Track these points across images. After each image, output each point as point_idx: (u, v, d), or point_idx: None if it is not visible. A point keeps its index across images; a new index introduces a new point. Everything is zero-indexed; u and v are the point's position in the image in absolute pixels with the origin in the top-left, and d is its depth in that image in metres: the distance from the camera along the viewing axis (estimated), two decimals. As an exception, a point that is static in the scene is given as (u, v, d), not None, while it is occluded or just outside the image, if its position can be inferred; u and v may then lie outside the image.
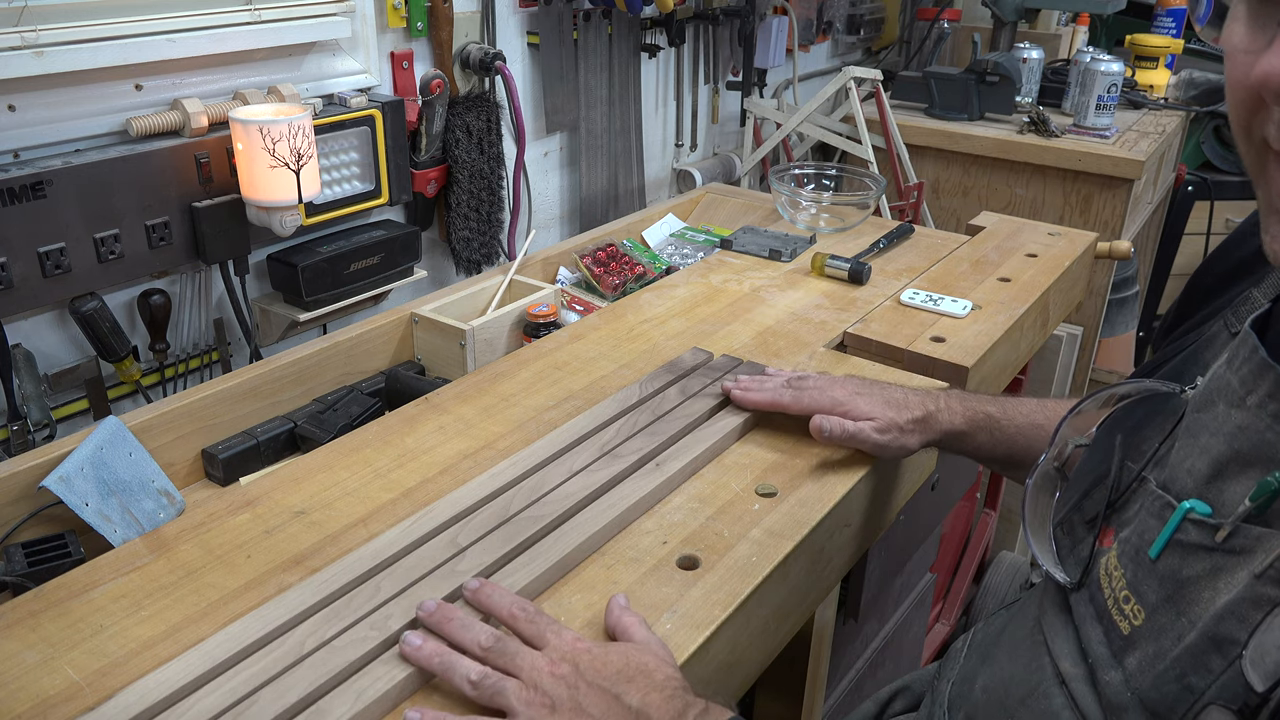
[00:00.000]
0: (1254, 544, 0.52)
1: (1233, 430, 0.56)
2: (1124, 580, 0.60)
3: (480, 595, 0.73)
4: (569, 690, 0.64)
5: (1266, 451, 0.54)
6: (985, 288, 1.39)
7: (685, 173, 2.13)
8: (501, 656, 0.67)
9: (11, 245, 1.04)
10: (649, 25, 1.90)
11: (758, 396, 1.01)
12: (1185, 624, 0.54)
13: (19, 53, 1.02)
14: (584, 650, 0.67)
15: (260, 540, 0.86)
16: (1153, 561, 0.58)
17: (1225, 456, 0.56)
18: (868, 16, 2.70)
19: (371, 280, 1.38)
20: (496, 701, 0.65)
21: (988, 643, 0.79)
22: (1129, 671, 0.57)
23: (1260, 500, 0.52)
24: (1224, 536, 0.54)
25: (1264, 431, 0.54)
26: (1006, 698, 0.68)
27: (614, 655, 0.66)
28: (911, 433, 0.95)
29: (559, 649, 0.67)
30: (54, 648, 0.73)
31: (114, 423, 1.02)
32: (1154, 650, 0.56)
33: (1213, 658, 0.52)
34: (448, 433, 1.03)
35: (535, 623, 0.70)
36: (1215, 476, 0.57)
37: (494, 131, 1.57)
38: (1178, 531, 0.57)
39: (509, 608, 0.71)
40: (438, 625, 0.71)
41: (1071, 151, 2.15)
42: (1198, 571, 0.55)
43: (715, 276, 1.44)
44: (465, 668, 0.67)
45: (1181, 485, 0.59)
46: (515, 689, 0.64)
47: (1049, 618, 0.67)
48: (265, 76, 1.29)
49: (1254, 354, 0.56)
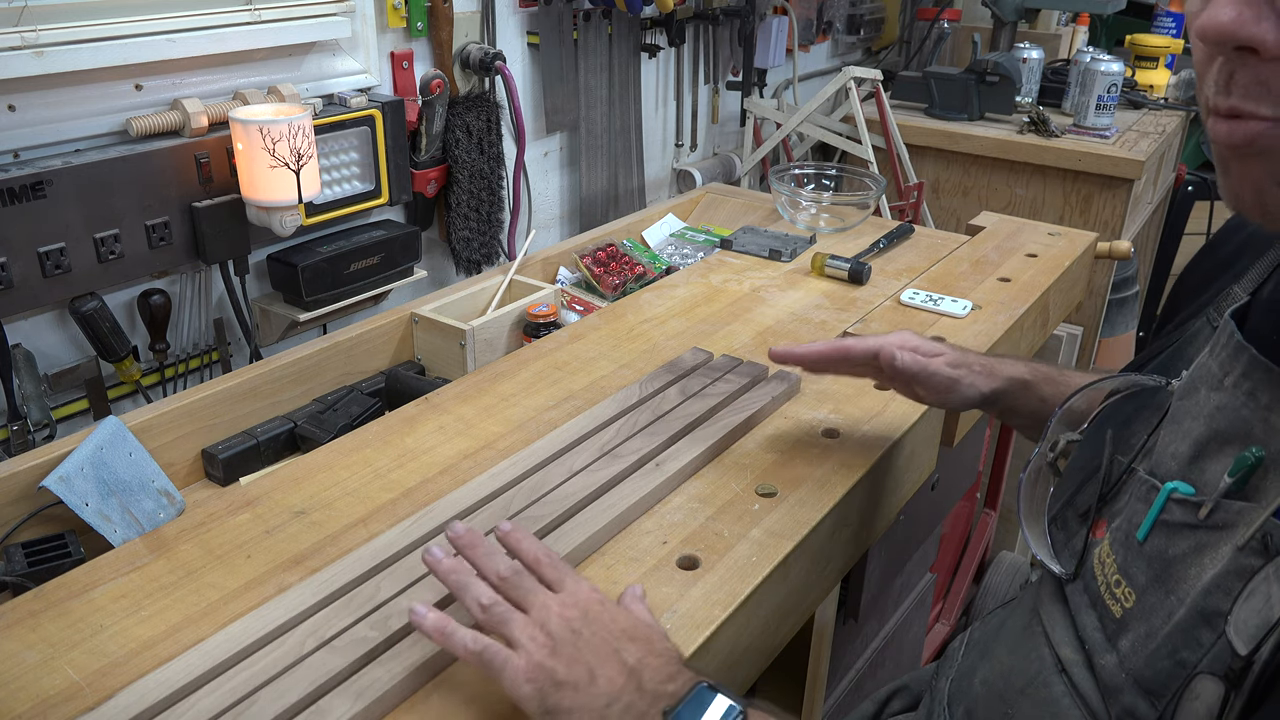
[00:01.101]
0: (1235, 518, 0.54)
1: (1211, 411, 0.58)
2: (1115, 565, 0.61)
3: (511, 537, 0.73)
4: (572, 635, 0.64)
5: (1243, 428, 0.55)
6: (985, 288, 1.39)
7: (685, 173, 2.13)
8: (517, 590, 0.68)
9: (11, 245, 1.04)
10: (649, 25, 1.90)
11: (817, 348, 0.97)
12: (1174, 601, 0.56)
13: (19, 53, 1.02)
14: (596, 601, 0.67)
15: (260, 540, 0.86)
16: (1140, 544, 0.59)
17: (1205, 437, 0.58)
18: (868, 16, 2.70)
19: (371, 280, 1.38)
20: (502, 629, 0.66)
21: (986, 639, 0.79)
22: (1123, 653, 0.59)
23: (1239, 475, 0.54)
24: (1206, 513, 0.55)
25: (1239, 409, 0.56)
26: (1006, 689, 0.68)
27: (623, 617, 0.67)
28: (981, 374, 0.92)
29: (574, 594, 0.67)
30: (54, 648, 0.73)
31: (114, 423, 1.02)
32: (1145, 630, 0.57)
33: (1202, 631, 0.54)
34: (448, 433, 1.03)
35: (558, 568, 0.70)
36: (1197, 457, 0.58)
37: (494, 131, 1.57)
38: (1163, 512, 0.58)
39: (535, 552, 0.71)
40: (464, 547, 0.71)
41: (1071, 151, 2.15)
42: (1183, 549, 0.56)
43: (715, 276, 1.44)
44: (479, 590, 0.68)
45: (1166, 469, 0.60)
46: (522, 622, 0.65)
47: (1047, 608, 0.69)
48: (265, 76, 1.29)
49: (1230, 338, 0.58)
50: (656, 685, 0.61)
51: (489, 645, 0.65)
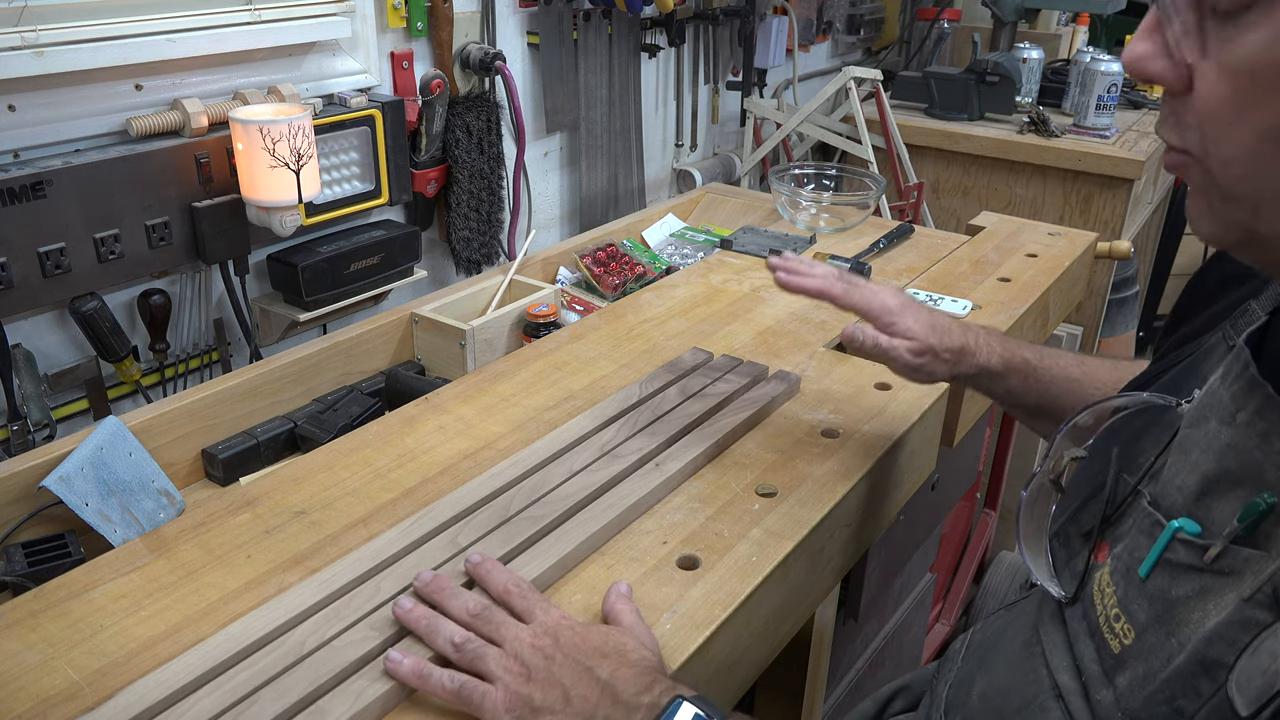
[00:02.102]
0: (1242, 565, 0.52)
1: (1222, 448, 0.56)
2: (1115, 598, 0.59)
3: (480, 569, 0.76)
4: (545, 661, 0.67)
5: (1254, 471, 0.53)
6: (985, 288, 1.39)
7: (685, 173, 2.13)
8: (488, 625, 0.70)
9: (11, 245, 1.04)
10: (649, 25, 1.90)
11: (807, 283, 0.95)
12: (1175, 645, 0.54)
13: (19, 53, 1.02)
14: (566, 626, 0.69)
15: (260, 540, 0.86)
16: (1142, 581, 0.57)
17: (1214, 474, 0.56)
18: (868, 16, 2.70)
19: (371, 280, 1.38)
20: (477, 666, 0.68)
21: (985, 646, 0.78)
22: (1119, 691, 0.57)
23: (1248, 521, 0.51)
24: (1213, 557, 0.53)
25: (1252, 450, 0.53)
26: (1004, 706, 0.67)
27: (594, 634, 0.69)
28: (946, 361, 0.93)
29: (544, 623, 0.70)
30: (54, 648, 0.73)
31: (114, 423, 1.02)
32: (1144, 671, 0.55)
33: (1201, 681, 0.52)
34: (448, 433, 1.03)
35: (527, 599, 0.72)
36: (1204, 494, 0.56)
37: (494, 131, 1.57)
38: (1166, 550, 0.56)
39: (504, 583, 0.74)
40: (430, 594, 0.74)
41: (1071, 151, 2.15)
42: (1186, 592, 0.54)
43: (715, 276, 1.44)
44: (450, 631, 0.70)
45: (1171, 502, 0.58)
46: (496, 656, 0.68)
47: (1047, 628, 0.67)
48: (265, 76, 1.29)
49: (1245, 370, 0.56)
50: (631, 696, 0.63)
51: (466, 681, 0.67)
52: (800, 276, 0.95)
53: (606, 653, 0.67)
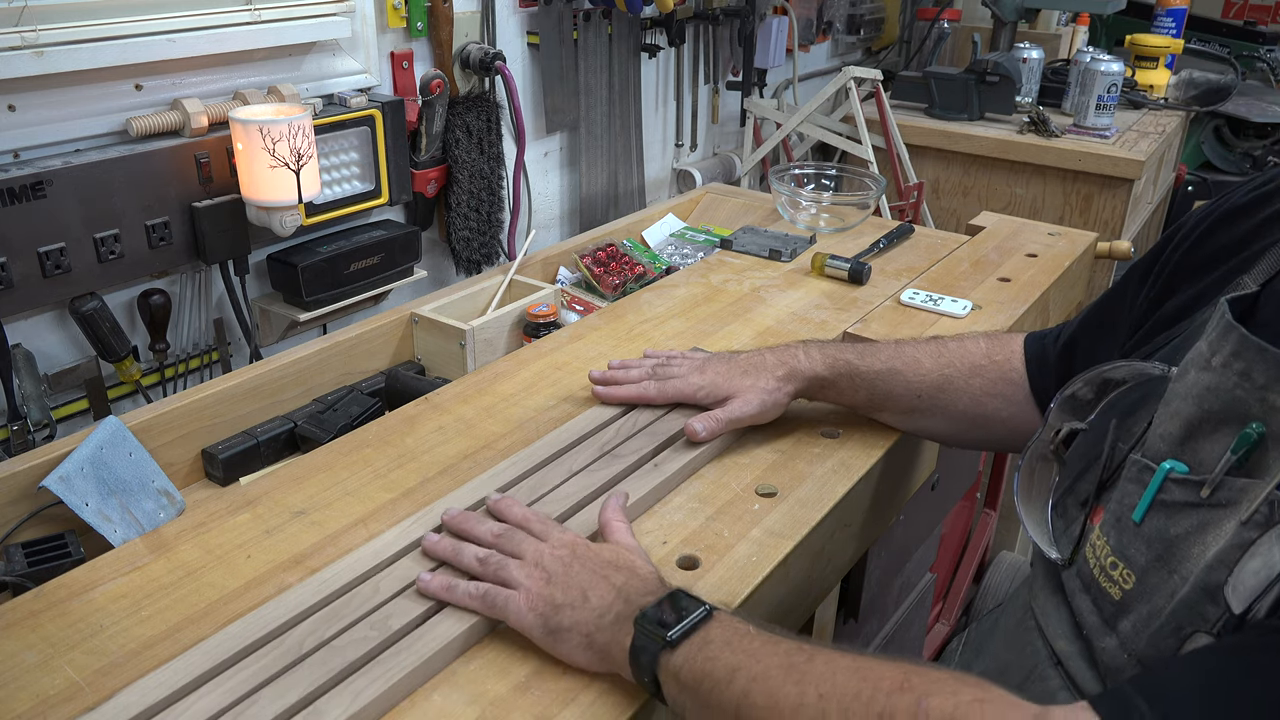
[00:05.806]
0: (1239, 494, 0.55)
1: (1201, 392, 0.58)
2: (1108, 548, 0.62)
3: (499, 504, 0.83)
4: (564, 567, 0.73)
5: (1238, 409, 0.56)
6: (985, 288, 1.39)
7: (685, 173, 2.13)
8: (510, 543, 0.77)
9: (11, 245, 1.04)
10: (649, 25, 1.90)
11: (620, 392, 1.03)
12: (1178, 580, 0.56)
13: (19, 53, 1.02)
14: (582, 543, 0.76)
15: (260, 540, 0.86)
16: (1137, 525, 0.60)
17: (1196, 418, 0.59)
18: (868, 16, 2.70)
19: (371, 280, 1.38)
20: (501, 575, 0.74)
21: (981, 639, 0.79)
22: (1123, 635, 0.59)
23: (1242, 451, 0.55)
24: (1210, 491, 0.56)
25: (1233, 390, 0.57)
26: (1003, 684, 0.68)
27: (607, 551, 0.75)
28: (778, 389, 0.98)
29: (561, 539, 0.76)
30: (54, 648, 0.73)
31: (114, 423, 1.02)
32: (1147, 611, 0.58)
33: (1207, 606, 0.54)
34: (448, 433, 1.03)
35: (544, 524, 0.79)
36: (1188, 438, 0.59)
37: (494, 131, 1.57)
38: (1160, 492, 0.59)
39: (522, 514, 0.81)
40: (456, 525, 0.81)
41: (1071, 151, 2.15)
42: (1185, 528, 0.57)
43: (715, 276, 1.44)
44: (474, 550, 0.77)
45: (1155, 449, 0.61)
46: (518, 565, 0.74)
47: (1040, 601, 0.69)
48: (265, 76, 1.29)
49: (1221, 319, 0.59)
50: (639, 598, 0.69)
51: (490, 589, 0.73)
52: (615, 388, 1.03)
53: (619, 566, 0.73)
